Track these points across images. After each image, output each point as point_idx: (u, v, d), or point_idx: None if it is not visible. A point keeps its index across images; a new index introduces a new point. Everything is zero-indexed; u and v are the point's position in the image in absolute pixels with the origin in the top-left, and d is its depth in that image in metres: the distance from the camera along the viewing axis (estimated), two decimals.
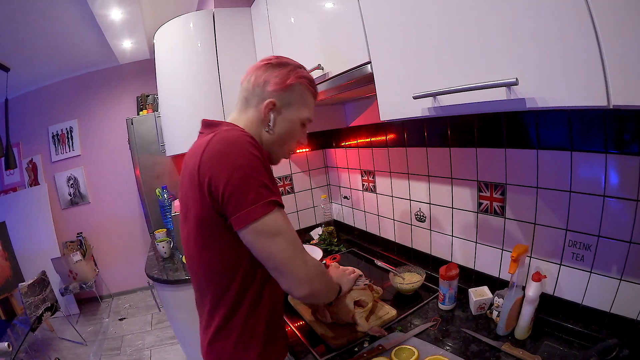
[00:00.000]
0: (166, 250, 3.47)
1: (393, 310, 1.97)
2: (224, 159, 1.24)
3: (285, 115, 1.50)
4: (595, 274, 1.48)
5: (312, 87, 1.54)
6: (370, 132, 2.74)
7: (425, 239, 2.41)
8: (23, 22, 3.91)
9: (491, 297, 1.81)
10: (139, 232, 6.54)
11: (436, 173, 2.20)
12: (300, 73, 1.50)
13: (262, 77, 1.49)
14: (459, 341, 1.68)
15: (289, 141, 1.56)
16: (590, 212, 1.45)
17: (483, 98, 1.08)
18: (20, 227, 5.85)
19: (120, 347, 4.96)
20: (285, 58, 1.55)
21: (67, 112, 6.17)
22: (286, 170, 3.38)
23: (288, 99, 1.48)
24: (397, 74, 1.46)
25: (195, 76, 2.95)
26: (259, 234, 1.24)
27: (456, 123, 1.98)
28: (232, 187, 1.21)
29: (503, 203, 1.81)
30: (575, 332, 1.54)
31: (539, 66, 0.93)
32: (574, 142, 1.44)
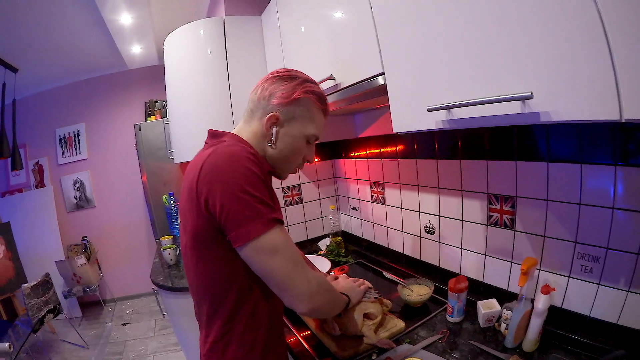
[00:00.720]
0: (172, 257, 3.49)
1: (401, 322, 1.97)
2: (221, 175, 1.25)
3: (288, 130, 1.48)
4: (603, 286, 1.49)
5: (320, 102, 1.52)
6: (380, 143, 2.76)
7: (434, 251, 2.41)
8: (33, 24, 3.96)
9: (500, 310, 1.82)
10: (144, 237, 6.57)
11: (446, 185, 2.21)
12: (308, 87, 1.48)
13: (268, 90, 1.48)
14: (467, 354, 1.69)
15: (292, 157, 1.54)
16: (599, 224, 1.46)
17: (497, 111, 1.09)
18: (24, 228, 5.90)
19: (122, 352, 4.99)
20: (295, 71, 1.53)
21: (75, 116, 6.22)
22: (295, 180, 3.41)
23: (292, 113, 1.47)
24: (410, 86, 1.46)
25: (205, 83, 2.97)
26: (258, 251, 1.25)
27: (467, 135, 1.99)
28: (230, 204, 1.22)
29: (513, 216, 1.82)
30: (583, 344, 1.55)
31: (553, 80, 0.94)
32: (584, 155, 1.46)
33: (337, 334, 1.87)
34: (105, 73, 6.15)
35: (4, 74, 4.41)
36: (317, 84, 1.53)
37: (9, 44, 4.23)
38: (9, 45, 4.26)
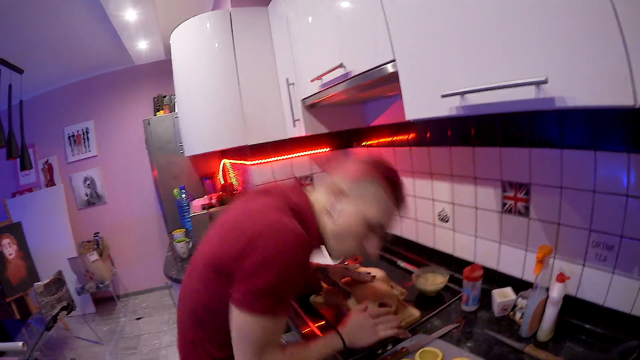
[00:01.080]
0: (185, 250, 3.53)
1: (417, 311, 1.98)
2: (263, 244, 1.28)
3: (349, 207, 1.48)
4: (617, 275, 1.49)
5: (393, 190, 1.48)
6: (391, 131, 2.75)
7: (448, 239, 2.41)
8: (37, 24, 3.98)
9: (515, 299, 1.82)
10: (156, 232, 6.62)
11: (460, 172, 2.20)
12: (381, 172, 1.48)
13: (343, 169, 1.54)
14: (482, 343, 1.70)
15: (347, 238, 1.51)
16: (613, 212, 1.45)
17: (512, 97, 1.07)
18: (36, 227, 5.95)
19: (136, 347, 5.05)
20: (379, 158, 1.57)
21: (83, 113, 6.26)
22: (307, 170, 3.41)
23: (358, 192, 1.47)
24: (423, 73, 1.44)
25: (213, 76, 2.97)
26: (237, 322, 1.35)
27: (480, 122, 1.98)
28: (255, 275, 1.28)
29: (527, 203, 1.81)
30: (597, 334, 1.55)
31: (567, 65, 0.93)
32: (597, 142, 1.44)
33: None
34: (112, 70, 6.18)
35: (10, 75, 4.42)
36: (396, 173, 1.54)
37: (14, 45, 4.26)
38: (14, 47, 4.28)
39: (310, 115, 2.73)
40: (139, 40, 5.06)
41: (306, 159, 3.40)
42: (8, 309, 5.18)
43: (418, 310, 1.99)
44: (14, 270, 5.38)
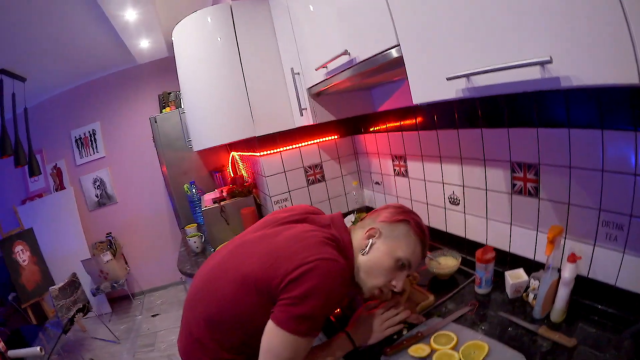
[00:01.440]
0: (198, 245, 3.57)
1: (431, 295, 2.00)
2: (320, 276, 1.40)
3: (381, 244, 1.63)
4: (628, 255, 1.49)
5: (420, 231, 1.66)
6: (399, 116, 2.74)
7: (460, 222, 2.42)
8: (37, 31, 4.03)
9: (527, 280, 1.82)
10: (168, 228, 6.68)
11: (468, 155, 2.20)
12: (412, 216, 1.68)
13: (378, 212, 1.75)
14: (497, 325, 1.71)
15: (376, 272, 1.63)
16: (622, 191, 1.44)
17: (517, 77, 1.07)
18: (48, 232, 6.02)
19: (154, 344, 5.11)
20: (407, 208, 1.77)
21: (89, 116, 6.31)
22: (316, 159, 3.43)
23: (391, 232, 1.64)
24: (427, 56, 1.44)
25: (218, 70, 2.97)
26: (271, 335, 1.43)
27: (486, 104, 1.97)
28: (302, 298, 1.38)
29: (537, 183, 1.81)
30: (609, 315, 1.55)
31: (571, 45, 0.93)
32: (604, 120, 1.44)
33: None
34: (115, 70, 6.22)
35: (12, 84, 4.46)
36: (422, 221, 1.72)
37: (16, 54, 4.30)
38: (15, 56, 4.33)
39: (317, 104, 2.74)
40: (141, 39, 5.08)
41: (315, 147, 3.41)
42: (24, 315, 5.25)
43: (432, 294, 2.00)
44: (29, 276, 5.46)
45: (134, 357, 4.86)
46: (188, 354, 1.69)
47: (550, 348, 1.50)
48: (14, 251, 5.40)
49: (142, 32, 4.83)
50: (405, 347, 1.68)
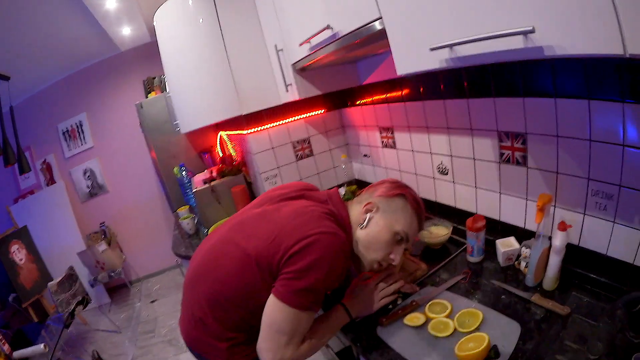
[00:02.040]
0: (191, 226, 3.60)
1: (424, 264, 2.05)
2: (320, 262, 1.42)
3: (379, 218, 1.65)
4: (618, 224, 1.52)
5: (416, 204, 1.69)
6: (385, 88, 2.75)
7: (449, 191, 2.45)
8: (17, 28, 3.99)
9: (518, 248, 1.87)
10: (161, 213, 6.70)
11: (455, 125, 2.22)
12: (408, 190, 1.71)
13: (375, 187, 1.77)
14: (490, 293, 1.76)
15: (375, 246, 1.65)
16: (611, 161, 1.46)
17: (501, 47, 1.09)
18: (42, 228, 6.00)
19: (154, 330, 5.15)
20: (402, 182, 1.79)
21: (75, 107, 6.24)
22: (304, 134, 3.45)
23: (388, 206, 1.67)
24: (410, 28, 1.44)
25: (201, 51, 2.96)
26: (273, 310, 1.46)
27: (472, 74, 1.98)
28: (304, 271, 1.41)
29: (525, 152, 1.83)
30: (601, 284, 1.59)
31: (554, 14, 0.94)
32: (590, 91, 1.44)
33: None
34: (98, 60, 6.12)
35: None
36: (417, 194, 1.75)
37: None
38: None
39: (302, 79, 2.74)
40: (122, 26, 5.01)
41: (302, 122, 3.42)
42: (25, 315, 5.27)
43: (425, 264, 2.05)
44: (27, 275, 5.45)
45: (135, 345, 4.90)
46: (190, 334, 1.71)
47: (544, 316, 1.54)
48: (11, 251, 5.38)
49: (123, 20, 4.76)
50: (400, 317, 1.73)
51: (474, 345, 1.40)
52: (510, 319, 1.55)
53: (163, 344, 4.75)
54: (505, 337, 1.47)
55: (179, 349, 4.50)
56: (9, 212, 6.06)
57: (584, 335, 1.39)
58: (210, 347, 1.64)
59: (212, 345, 1.63)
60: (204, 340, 1.65)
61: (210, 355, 1.67)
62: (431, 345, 1.55)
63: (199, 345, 1.69)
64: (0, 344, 3.31)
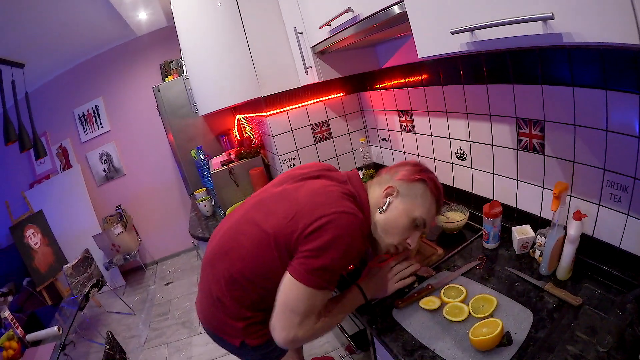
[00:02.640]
0: (208, 208, 3.67)
1: (440, 249, 2.09)
2: (336, 228, 1.43)
3: (399, 203, 1.64)
4: (632, 217, 1.53)
5: (436, 190, 1.67)
6: (404, 72, 2.75)
7: (467, 177, 2.46)
8: (32, 16, 4.01)
9: (534, 236, 1.89)
10: (177, 195, 6.78)
11: (474, 110, 2.22)
12: (429, 176, 1.67)
13: (396, 169, 1.73)
14: (504, 280, 1.79)
15: (393, 230, 1.65)
16: (626, 153, 1.47)
17: (520, 32, 1.09)
18: (58, 212, 6.12)
19: (168, 312, 5.23)
20: (424, 166, 1.74)
21: (91, 92, 6.30)
22: (322, 116, 3.47)
23: (408, 191, 1.64)
24: (432, 10, 1.44)
25: (220, 34, 2.98)
26: (287, 286, 1.47)
27: (491, 60, 1.98)
28: (320, 250, 1.42)
29: (542, 140, 1.83)
30: (613, 276, 1.61)
31: (574, 2, 0.93)
32: (607, 81, 1.45)
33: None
34: (114, 45, 6.16)
35: (11, 71, 4.45)
36: (437, 179, 1.71)
37: (12, 41, 4.32)
38: (11, 44, 4.34)
39: (322, 62, 2.76)
40: (139, 11, 5.04)
41: (321, 105, 3.44)
42: (40, 298, 5.39)
43: (441, 248, 2.09)
44: (42, 259, 5.58)
45: (149, 327, 4.98)
46: (208, 313, 1.77)
47: (557, 305, 1.57)
48: (26, 235, 5.51)
49: (139, 4, 4.79)
50: (416, 300, 1.77)
51: (487, 330, 1.42)
52: (524, 307, 1.58)
53: (177, 325, 4.82)
54: (517, 324, 1.50)
55: (193, 331, 4.58)
56: (24, 197, 6.18)
57: (594, 327, 1.41)
58: (227, 327, 1.69)
59: (229, 325, 1.68)
60: (221, 320, 1.70)
61: (226, 335, 1.73)
62: (445, 329, 1.58)
63: (216, 324, 1.74)
64: (14, 328, 3.37)
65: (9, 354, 3.16)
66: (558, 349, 1.34)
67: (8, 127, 4.32)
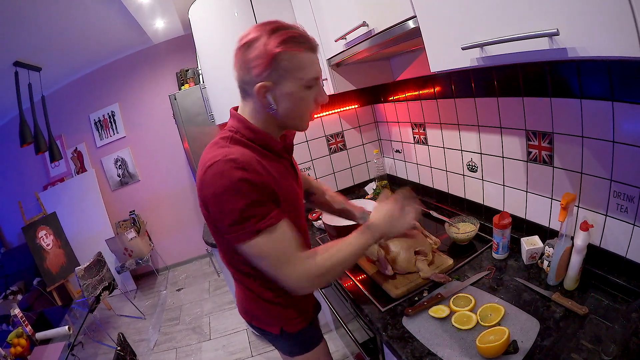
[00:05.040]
0: None
1: (449, 259, 2.12)
2: (211, 194, 1.36)
3: (282, 90, 1.44)
4: (638, 227, 1.55)
5: (299, 45, 1.42)
6: (417, 85, 2.80)
7: (478, 189, 2.50)
8: (51, 21, 4.08)
9: (542, 247, 1.92)
10: (191, 203, 6.81)
11: (485, 123, 2.26)
12: (278, 39, 1.38)
13: (243, 64, 1.45)
14: (513, 290, 1.82)
15: (301, 111, 1.52)
16: (633, 164, 1.50)
17: (527, 48, 1.13)
18: (71, 214, 6.19)
19: (179, 317, 5.25)
20: (256, 27, 1.46)
21: (107, 98, 6.38)
22: (337, 128, 3.54)
23: (278, 73, 1.40)
24: (443, 27, 1.50)
25: None
26: (246, 253, 1.43)
27: (502, 73, 2.02)
28: (220, 216, 1.38)
29: (551, 152, 1.87)
30: (619, 286, 1.63)
31: (578, 17, 0.97)
32: (614, 93, 1.48)
33: (390, 273, 2.02)
34: (131, 52, 6.24)
35: (28, 74, 4.55)
36: (283, 25, 1.44)
37: (29, 45, 4.38)
38: (29, 47, 4.41)
39: (337, 74, 2.80)
40: (156, 19, 5.10)
41: (336, 116, 3.51)
42: (49, 299, 5.45)
43: (451, 259, 2.12)
44: (53, 260, 5.62)
45: (159, 331, 5.01)
46: (243, 305, 1.82)
47: (563, 314, 1.59)
48: (38, 236, 5.55)
49: (156, 13, 4.85)
50: (425, 308, 1.80)
51: (494, 338, 1.45)
52: (530, 316, 1.60)
53: (187, 331, 4.85)
54: (524, 332, 1.53)
55: (203, 337, 4.61)
56: (37, 198, 6.24)
57: (600, 336, 1.43)
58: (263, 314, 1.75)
59: (266, 310, 1.73)
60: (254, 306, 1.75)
61: (262, 323, 1.78)
62: (453, 337, 1.61)
63: (253, 314, 1.79)
64: (23, 325, 3.41)
65: (17, 351, 3.20)
66: (563, 357, 1.37)
67: (24, 129, 4.40)
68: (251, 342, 4.18)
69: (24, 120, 4.40)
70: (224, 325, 4.71)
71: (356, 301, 2.01)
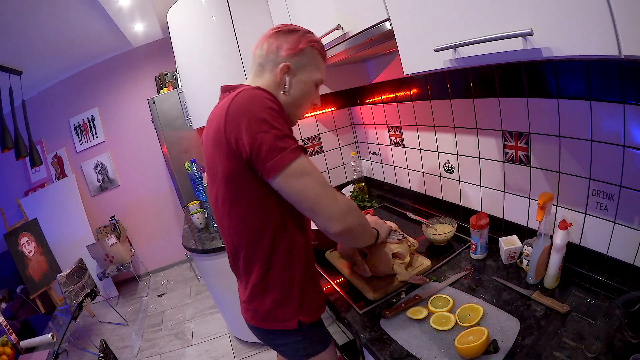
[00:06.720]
0: (201, 221, 3.68)
1: (427, 260, 2.10)
2: (247, 113, 1.34)
3: (299, 77, 1.58)
4: (619, 225, 1.54)
5: (322, 50, 1.65)
6: (394, 87, 2.79)
7: (455, 189, 2.48)
8: (31, 24, 4.01)
9: (521, 246, 1.90)
10: (171, 207, 6.76)
11: (461, 124, 2.25)
12: (310, 38, 1.59)
13: (274, 44, 1.58)
14: (492, 290, 1.79)
15: (303, 102, 1.65)
16: (612, 162, 1.49)
17: (501, 48, 1.12)
18: (53, 220, 6.09)
19: (161, 323, 5.19)
20: (293, 25, 1.63)
21: (87, 102, 6.30)
22: (314, 131, 3.50)
23: (301, 62, 1.57)
24: (416, 29, 1.49)
25: (214, 48, 3.02)
26: (288, 178, 1.34)
27: (478, 74, 2.02)
28: (260, 139, 1.31)
29: (528, 152, 1.86)
30: (601, 283, 1.62)
31: (552, 16, 0.96)
32: (592, 92, 1.47)
33: (368, 275, 2.00)
34: (110, 56, 6.17)
35: (9, 78, 4.47)
36: (314, 34, 1.64)
37: (10, 49, 4.31)
38: (9, 50, 4.34)
39: None
40: (135, 23, 5.03)
41: (312, 119, 3.49)
42: (33, 306, 5.36)
43: (429, 260, 2.09)
44: (36, 267, 5.54)
45: (142, 337, 4.95)
46: (254, 305, 1.68)
47: (544, 313, 1.57)
48: (20, 243, 5.46)
49: (136, 16, 4.78)
50: (403, 310, 1.77)
51: (473, 338, 1.43)
52: (510, 315, 1.58)
53: (169, 337, 4.79)
54: (504, 332, 1.50)
55: (185, 342, 4.55)
56: (19, 204, 6.14)
57: (583, 333, 1.41)
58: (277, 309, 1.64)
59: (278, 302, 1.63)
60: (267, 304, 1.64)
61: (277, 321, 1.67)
62: (432, 338, 1.58)
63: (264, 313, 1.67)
64: (8, 333, 3.36)
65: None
66: (545, 355, 1.34)
67: (5, 134, 4.33)
68: (234, 346, 4.14)
69: (4, 125, 4.32)
70: (206, 330, 4.67)
71: (335, 304, 1.97)
